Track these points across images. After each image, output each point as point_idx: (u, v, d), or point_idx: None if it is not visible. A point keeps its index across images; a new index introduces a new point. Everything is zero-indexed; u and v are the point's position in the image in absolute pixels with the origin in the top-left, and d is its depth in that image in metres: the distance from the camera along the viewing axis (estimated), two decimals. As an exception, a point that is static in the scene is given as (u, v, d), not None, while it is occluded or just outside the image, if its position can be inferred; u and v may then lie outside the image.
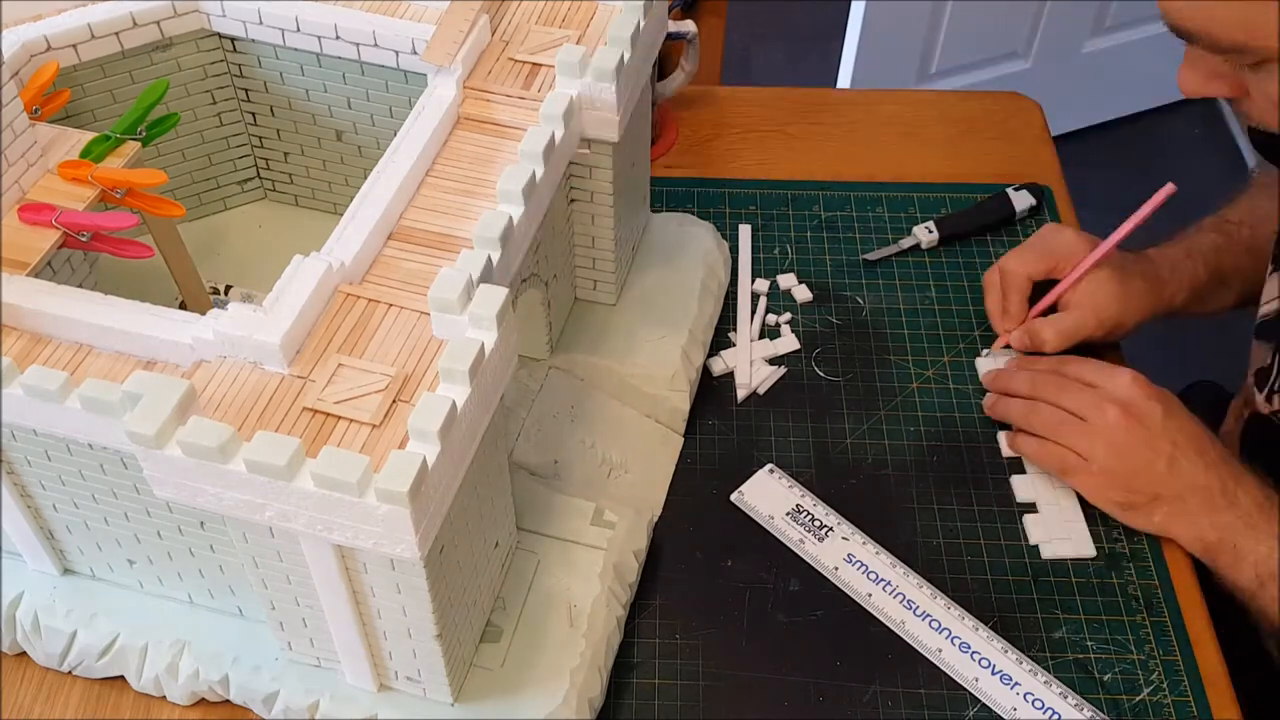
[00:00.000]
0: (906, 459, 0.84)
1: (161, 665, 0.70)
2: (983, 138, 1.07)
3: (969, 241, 0.98)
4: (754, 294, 0.93)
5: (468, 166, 0.69)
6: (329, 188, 0.89)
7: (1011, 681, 0.72)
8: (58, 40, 0.75)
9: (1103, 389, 0.79)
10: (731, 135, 1.07)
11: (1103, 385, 0.79)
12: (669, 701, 0.72)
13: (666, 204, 1.00)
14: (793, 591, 0.77)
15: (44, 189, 0.68)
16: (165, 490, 0.56)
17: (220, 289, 0.85)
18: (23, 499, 0.68)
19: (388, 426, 0.56)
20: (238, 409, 0.57)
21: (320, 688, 0.68)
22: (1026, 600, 0.77)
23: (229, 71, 0.83)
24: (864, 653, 0.74)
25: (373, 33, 0.75)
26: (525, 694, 0.68)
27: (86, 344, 0.61)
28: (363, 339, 0.60)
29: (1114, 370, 0.80)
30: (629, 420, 0.83)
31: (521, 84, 0.73)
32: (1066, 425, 0.78)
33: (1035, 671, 0.72)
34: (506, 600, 0.72)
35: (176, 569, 0.69)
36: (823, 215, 1.00)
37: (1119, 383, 0.78)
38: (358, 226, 0.64)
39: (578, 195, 0.79)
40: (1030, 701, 0.71)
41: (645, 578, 0.77)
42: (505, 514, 0.71)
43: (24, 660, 0.74)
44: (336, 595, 0.61)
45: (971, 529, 0.80)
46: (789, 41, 2.44)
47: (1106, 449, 0.77)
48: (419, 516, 0.53)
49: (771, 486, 0.81)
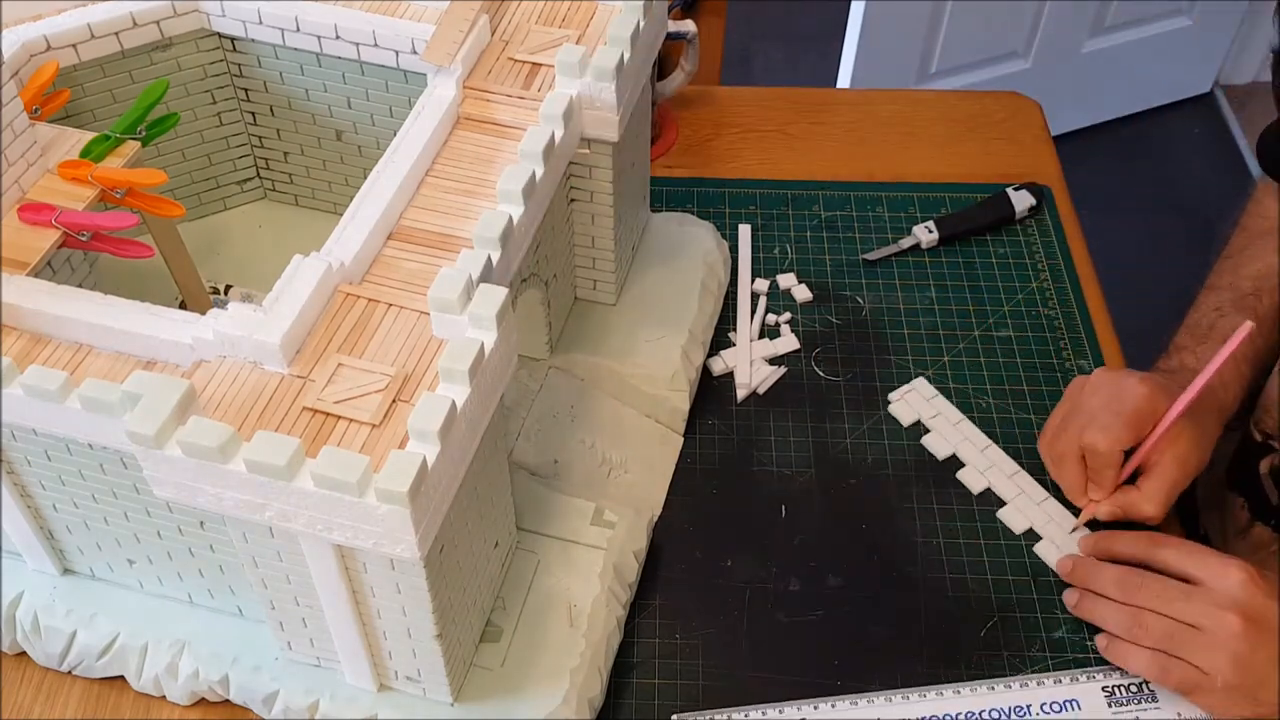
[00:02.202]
0: (906, 459, 0.84)
1: (161, 665, 0.70)
2: (983, 138, 1.07)
3: (969, 241, 0.98)
4: (754, 294, 0.93)
5: (468, 166, 0.69)
6: (329, 187, 0.89)
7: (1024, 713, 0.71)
8: (58, 40, 0.75)
9: (1214, 592, 0.70)
10: (731, 135, 1.07)
11: (1212, 585, 0.70)
12: (669, 701, 0.72)
13: (666, 204, 1.00)
14: (793, 591, 0.77)
15: (44, 189, 0.68)
16: (165, 490, 0.56)
17: (220, 289, 0.85)
18: (23, 499, 0.68)
19: (388, 426, 0.56)
20: (238, 409, 0.57)
21: (320, 688, 0.68)
22: (1026, 600, 0.77)
23: (229, 71, 0.83)
24: (864, 653, 0.74)
25: (373, 33, 0.75)
26: (525, 694, 0.68)
27: (86, 344, 0.61)
28: (363, 339, 0.60)
29: (1221, 564, 0.71)
30: (629, 420, 0.83)
31: (521, 84, 0.73)
32: (1179, 637, 0.70)
33: (1040, 682, 0.72)
34: (506, 600, 0.72)
35: (176, 569, 0.69)
36: (823, 215, 1.00)
37: (1231, 583, 0.70)
38: (358, 226, 0.64)
39: (578, 195, 0.79)
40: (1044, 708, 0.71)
41: (645, 578, 0.77)
42: (505, 514, 0.71)
43: (24, 660, 0.74)
44: (336, 595, 0.61)
45: (971, 529, 0.80)
46: (789, 41, 2.45)
47: (1230, 663, 0.68)
48: (419, 516, 0.53)
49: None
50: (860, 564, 0.78)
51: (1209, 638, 0.69)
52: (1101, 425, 0.77)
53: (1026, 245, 0.98)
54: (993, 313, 0.93)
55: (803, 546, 0.79)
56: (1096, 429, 0.77)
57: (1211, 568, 0.71)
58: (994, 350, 0.90)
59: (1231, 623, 0.68)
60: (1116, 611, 0.72)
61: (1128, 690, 0.71)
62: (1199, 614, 0.70)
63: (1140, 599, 0.72)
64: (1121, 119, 2.33)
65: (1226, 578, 0.70)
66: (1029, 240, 0.98)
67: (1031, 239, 0.98)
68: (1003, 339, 0.91)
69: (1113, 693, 0.71)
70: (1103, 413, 0.77)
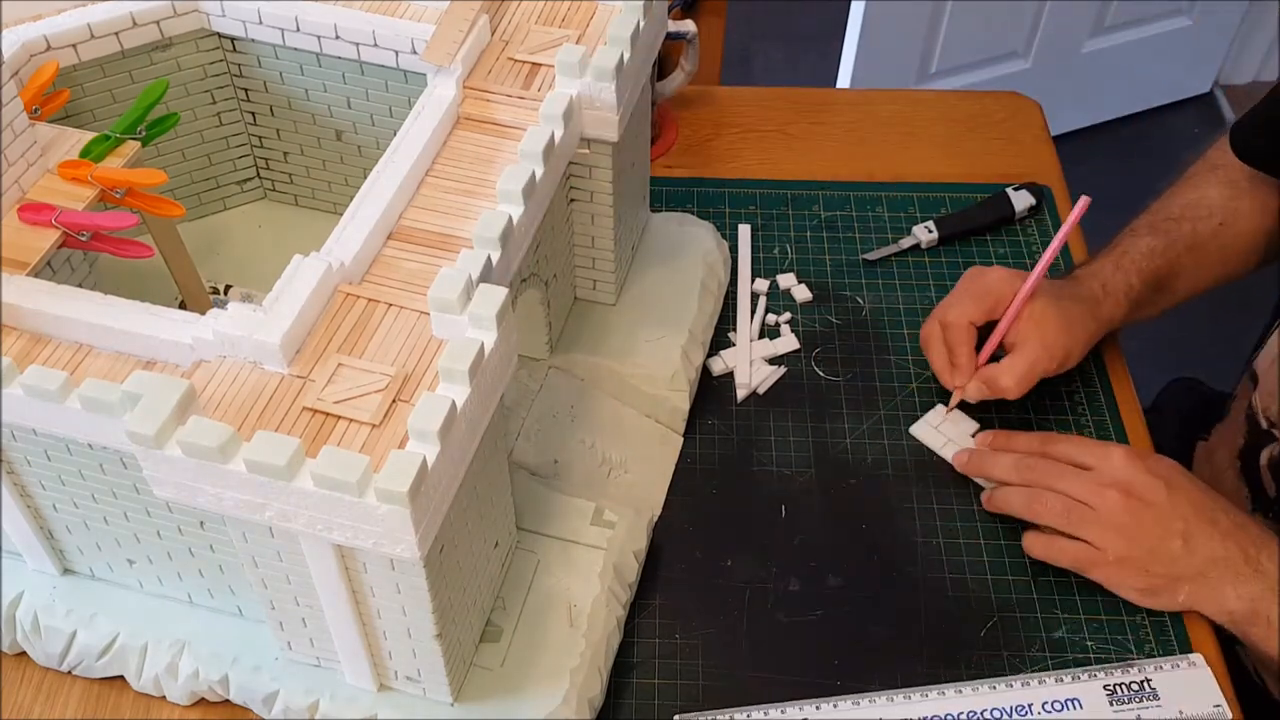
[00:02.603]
0: (906, 459, 0.84)
1: (161, 665, 0.70)
2: (983, 138, 1.07)
3: (969, 241, 0.98)
4: (754, 294, 0.93)
5: (468, 166, 0.69)
6: (329, 187, 0.89)
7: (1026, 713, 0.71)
8: (58, 40, 0.75)
9: (1099, 470, 0.75)
10: (731, 135, 1.07)
11: (1098, 466, 0.75)
12: (669, 701, 0.72)
13: (666, 204, 1.00)
14: (793, 591, 0.77)
15: (44, 189, 0.68)
16: (165, 490, 0.56)
17: (220, 289, 0.85)
18: (23, 499, 0.68)
19: (387, 426, 0.56)
20: (238, 409, 0.57)
21: (320, 688, 0.68)
22: (1026, 600, 0.77)
23: (229, 71, 0.83)
24: (864, 653, 0.74)
25: (372, 33, 0.75)
26: (525, 694, 0.68)
27: (86, 344, 0.61)
28: (362, 339, 0.60)
29: (1106, 449, 0.76)
30: (629, 420, 0.83)
31: (521, 84, 0.73)
32: (1075, 513, 0.74)
33: (1041, 681, 0.72)
34: (506, 600, 0.72)
35: (176, 569, 0.69)
36: (823, 215, 1.00)
37: (1114, 462, 0.75)
38: (358, 226, 0.64)
39: (577, 195, 0.79)
40: (1045, 707, 0.71)
41: (645, 578, 0.77)
42: (505, 514, 0.71)
43: (24, 660, 0.74)
44: (336, 595, 0.61)
45: (971, 529, 0.80)
46: (789, 41, 2.45)
47: (1117, 536, 0.73)
48: (419, 516, 0.53)
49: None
50: (860, 564, 0.79)
51: (1096, 514, 0.74)
52: (953, 302, 0.84)
53: (1026, 245, 0.98)
54: (993, 313, 0.93)
55: (803, 546, 0.79)
56: (949, 305, 0.84)
57: (1096, 451, 0.76)
58: (994, 350, 0.90)
59: (1114, 499, 0.74)
60: (1017, 493, 0.77)
61: (1129, 689, 0.71)
62: (1088, 492, 0.75)
63: (1034, 479, 0.77)
64: (1121, 119, 2.33)
65: (1109, 458, 0.75)
66: (1029, 240, 0.98)
67: (1031, 239, 0.98)
68: (1003, 339, 0.91)
69: (1114, 691, 0.71)
70: (959, 294, 0.85)
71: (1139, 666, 0.72)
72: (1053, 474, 0.76)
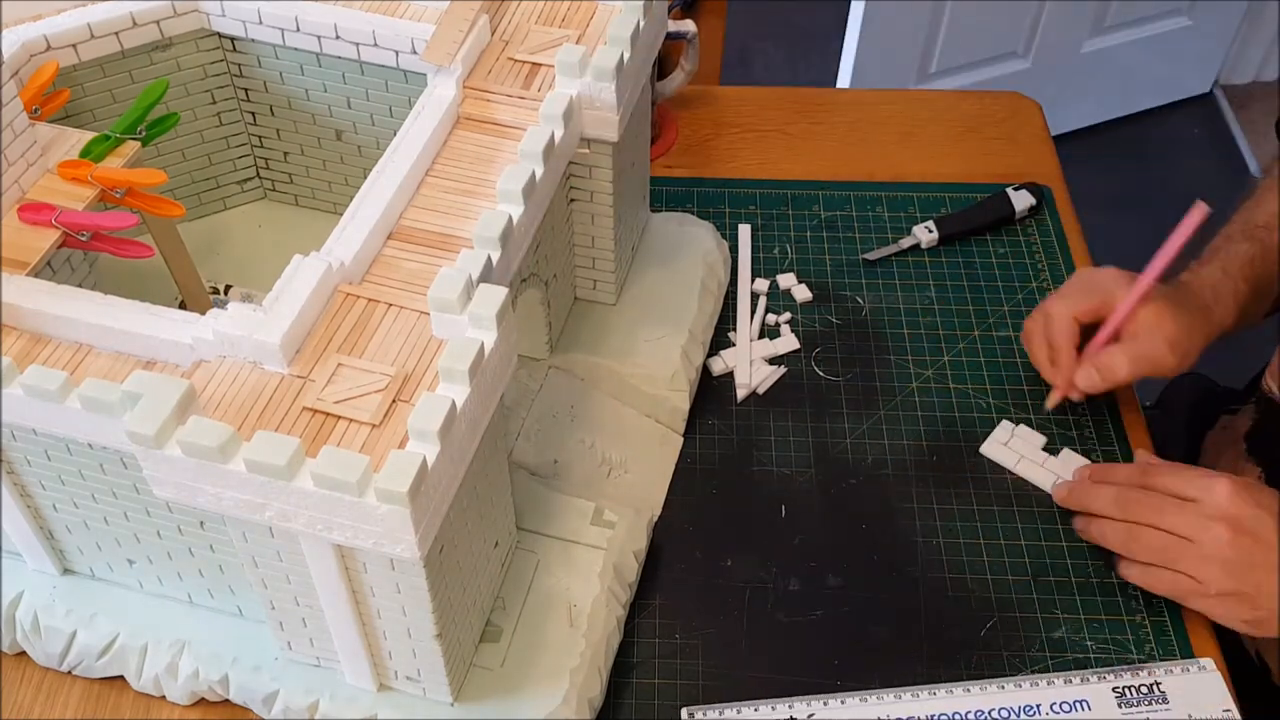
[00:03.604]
0: (906, 459, 0.84)
1: (161, 665, 0.70)
2: (983, 138, 1.07)
3: (969, 241, 0.98)
4: (754, 294, 0.93)
5: (468, 166, 0.69)
6: (329, 187, 0.89)
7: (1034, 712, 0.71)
8: (58, 40, 0.75)
9: (1203, 503, 0.73)
10: (731, 135, 1.07)
11: (1201, 499, 0.73)
12: (669, 701, 0.72)
13: (666, 204, 1.00)
14: (793, 591, 0.77)
15: (44, 189, 0.68)
16: (165, 490, 0.56)
17: (220, 289, 0.85)
18: (23, 499, 0.68)
19: (387, 426, 0.56)
20: (237, 409, 0.57)
21: (320, 688, 0.68)
22: (1026, 600, 0.77)
23: (229, 71, 0.83)
24: (864, 652, 0.74)
25: (372, 32, 0.75)
26: (525, 694, 0.68)
27: (86, 344, 0.61)
28: (362, 339, 0.60)
29: (1209, 481, 0.73)
30: (629, 420, 0.83)
31: (521, 84, 0.73)
32: (1173, 550, 0.73)
33: (1050, 682, 0.72)
34: (506, 600, 0.72)
35: (176, 569, 0.69)
36: (823, 215, 1.00)
37: (1219, 495, 0.72)
38: (357, 226, 0.64)
39: (577, 195, 0.79)
40: (1054, 708, 0.71)
41: (645, 578, 0.77)
42: (505, 514, 0.71)
43: (24, 660, 0.74)
44: (336, 595, 0.61)
45: (971, 529, 0.80)
46: (789, 41, 2.45)
47: (1222, 571, 0.71)
48: (419, 516, 0.53)
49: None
50: (860, 564, 0.79)
51: (1199, 548, 0.72)
52: (1059, 296, 0.83)
53: (1026, 245, 0.98)
54: (993, 313, 0.93)
55: (803, 546, 0.79)
56: (1056, 298, 0.83)
57: (1200, 483, 0.74)
58: (994, 350, 0.90)
59: (1220, 533, 0.71)
60: (1114, 528, 0.76)
61: (1138, 691, 0.71)
62: (1190, 526, 0.72)
63: (1135, 514, 0.75)
64: (1121, 119, 2.33)
65: (1214, 491, 0.73)
66: (1029, 240, 0.98)
67: (1031, 239, 0.98)
68: (1003, 339, 0.91)
69: (1123, 694, 0.71)
70: (1067, 288, 0.84)
71: (1148, 669, 0.72)
72: (1154, 509, 0.74)
